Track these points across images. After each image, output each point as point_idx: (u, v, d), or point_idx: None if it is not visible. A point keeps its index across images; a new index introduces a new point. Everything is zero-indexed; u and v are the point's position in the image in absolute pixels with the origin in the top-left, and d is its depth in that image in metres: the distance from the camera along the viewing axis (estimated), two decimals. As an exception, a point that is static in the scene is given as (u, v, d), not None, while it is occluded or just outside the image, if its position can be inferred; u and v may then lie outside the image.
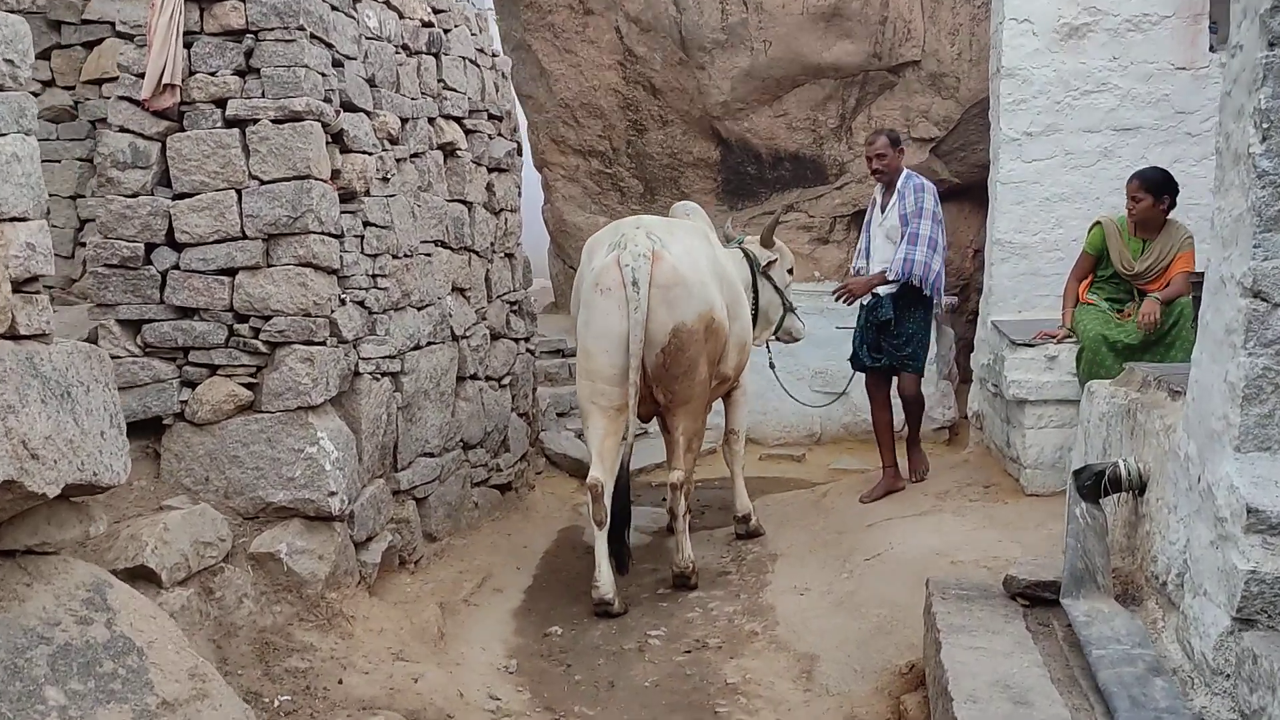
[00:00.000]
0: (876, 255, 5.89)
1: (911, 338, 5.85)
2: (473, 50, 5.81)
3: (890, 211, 5.80)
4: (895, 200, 5.77)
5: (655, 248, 4.82)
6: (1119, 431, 3.75)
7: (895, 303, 5.76)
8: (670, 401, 4.99)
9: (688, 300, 4.84)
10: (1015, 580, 3.37)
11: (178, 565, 3.55)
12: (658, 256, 4.79)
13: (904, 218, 5.71)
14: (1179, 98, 6.32)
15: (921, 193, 5.72)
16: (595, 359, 4.85)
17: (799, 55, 9.36)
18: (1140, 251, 5.40)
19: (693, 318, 4.84)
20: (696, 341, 4.86)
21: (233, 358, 4.08)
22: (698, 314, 4.86)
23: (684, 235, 5.17)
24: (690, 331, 4.83)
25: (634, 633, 4.65)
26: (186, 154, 4.06)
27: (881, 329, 5.84)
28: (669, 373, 4.86)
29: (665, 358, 4.83)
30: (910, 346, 5.86)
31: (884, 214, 5.85)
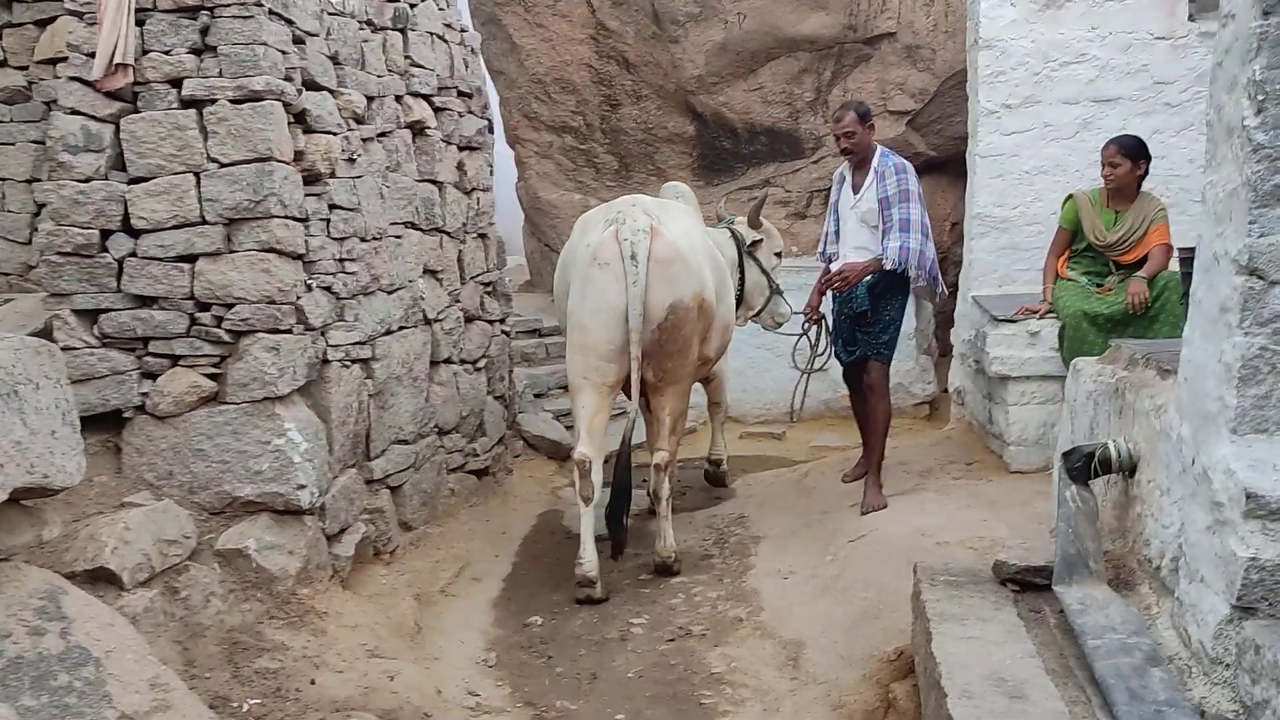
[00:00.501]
0: (849, 240, 5.27)
1: (888, 326, 5.37)
2: (440, 25, 5.64)
3: (866, 193, 5.20)
4: (872, 181, 5.16)
5: (654, 224, 4.83)
6: (1106, 410, 3.67)
7: (871, 291, 5.22)
8: (660, 380, 4.96)
9: (686, 277, 4.86)
10: (1005, 565, 3.29)
11: (140, 565, 3.42)
12: (657, 233, 4.80)
13: (885, 201, 5.10)
14: (1158, 68, 6.24)
15: (904, 174, 5.14)
16: (591, 334, 4.80)
17: (774, 28, 9.23)
18: (1113, 222, 5.34)
19: (689, 295, 4.86)
20: (691, 320, 4.89)
21: (195, 348, 3.94)
22: (694, 292, 4.89)
23: (679, 214, 5.24)
24: (687, 309, 4.85)
25: (616, 621, 4.56)
26: (141, 136, 3.89)
27: (857, 320, 5.32)
28: (663, 350, 4.85)
29: (661, 334, 4.80)
30: (887, 334, 5.39)
31: (857, 195, 5.23)
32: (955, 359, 6.76)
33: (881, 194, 5.11)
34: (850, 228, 5.27)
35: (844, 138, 5.17)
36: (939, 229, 9.84)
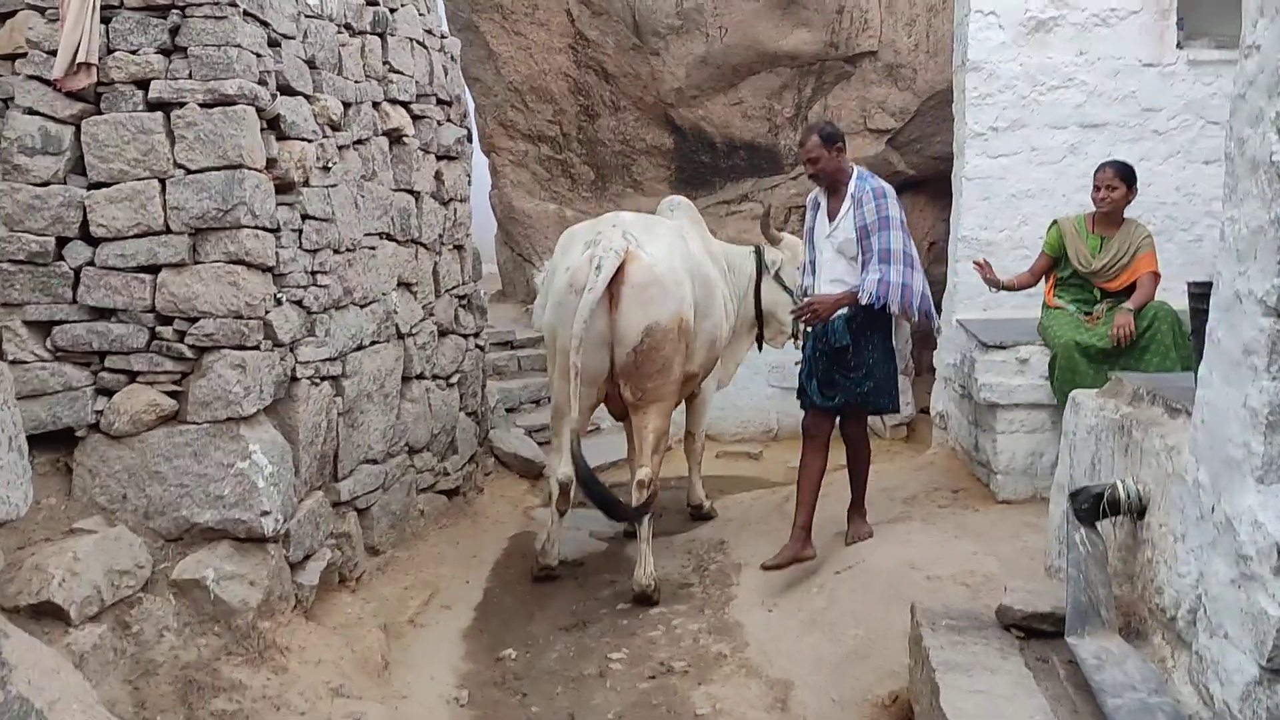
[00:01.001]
0: (825, 272, 4.78)
1: (872, 370, 4.73)
2: (420, 31, 5.46)
3: (843, 221, 4.71)
4: (849, 208, 4.68)
5: (630, 247, 4.82)
6: (1110, 447, 3.55)
7: (849, 325, 4.66)
8: (640, 399, 4.95)
9: (662, 300, 4.83)
10: (1010, 611, 3.15)
11: (89, 599, 3.19)
12: (633, 256, 4.79)
13: (864, 229, 4.62)
14: (1146, 94, 6.18)
15: (884, 199, 4.65)
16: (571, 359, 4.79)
17: (755, 42, 9.12)
18: (1098, 248, 5.26)
19: (667, 317, 4.84)
20: (671, 340, 4.87)
21: (154, 363, 3.71)
22: (671, 313, 4.86)
23: (663, 234, 5.13)
24: (665, 331, 4.83)
25: (594, 655, 4.38)
26: (104, 140, 3.67)
27: (835, 358, 4.74)
28: (640, 371, 4.87)
29: (638, 356, 4.83)
30: (871, 380, 4.74)
31: (833, 223, 4.75)
32: (939, 382, 6.64)
33: (860, 221, 4.64)
34: (826, 258, 4.79)
35: (809, 163, 4.75)
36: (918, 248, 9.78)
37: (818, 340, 4.77)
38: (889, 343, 4.83)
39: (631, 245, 4.82)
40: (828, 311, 4.62)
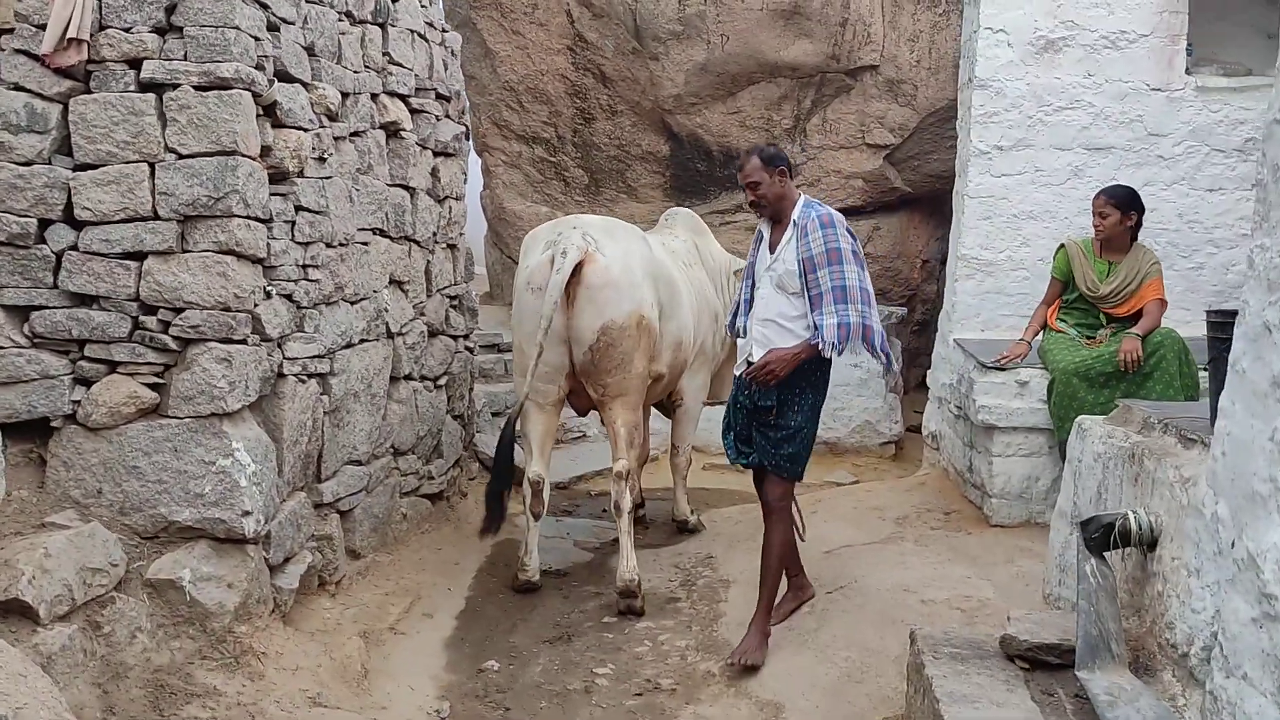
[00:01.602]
0: (760, 309, 4.21)
1: (795, 434, 4.20)
2: (422, 23, 5.34)
3: (784, 251, 4.14)
4: (791, 237, 4.13)
5: (589, 249, 4.86)
6: (1118, 476, 3.47)
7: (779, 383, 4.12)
8: (603, 395, 5.03)
9: (617, 301, 4.88)
10: (1015, 641, 3.06)
11: (59, 598, 3.05)
12: (590, 258, 4.84)
13: (808, 262, 4.04)
14: (1153, 119, 6.14)
15: (831, 228, 4.06)
16: (528, 357, 4.91)
17: (756, 52, 9.04)
18: (1106, 274, 5.20)
19: (622, 316, 4.89)
20: (629, 338, 4.91)
21: (136, 354, 3.57)
22: (627, 313, 4.90)
23: (621, 236, 5.16)
24: (621, 329, 4.88)
25: (579, 669, 4.26)
26: (92, 119, 3.53)
27: (757, 415, 4.22)
28: (599, 368, 4.94)
29: (594, 354, 4.90)
30: (792, 446, 4.21)
31: (774, 255, 4.19)
32: (932, 402, 6.56)
33: (804, 253, 4.07)
34: (763, 294, 4.20)
35: (748, 189, 4.20)
36: (909, 264, 9.73)
37: (740, 390, 4.29)
38: (819, 401, 4.28)
39: (590, 247, 4.86)
40: (785, 370, 4.05)
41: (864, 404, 8.53)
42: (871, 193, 9.42)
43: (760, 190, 4.15)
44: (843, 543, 5.25)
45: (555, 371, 4.96)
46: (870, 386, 8.55)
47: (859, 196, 9.40)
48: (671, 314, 5.29)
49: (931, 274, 9.83)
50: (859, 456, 8.48)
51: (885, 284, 9.49)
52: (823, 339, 4.01)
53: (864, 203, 9.43)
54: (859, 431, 8.53)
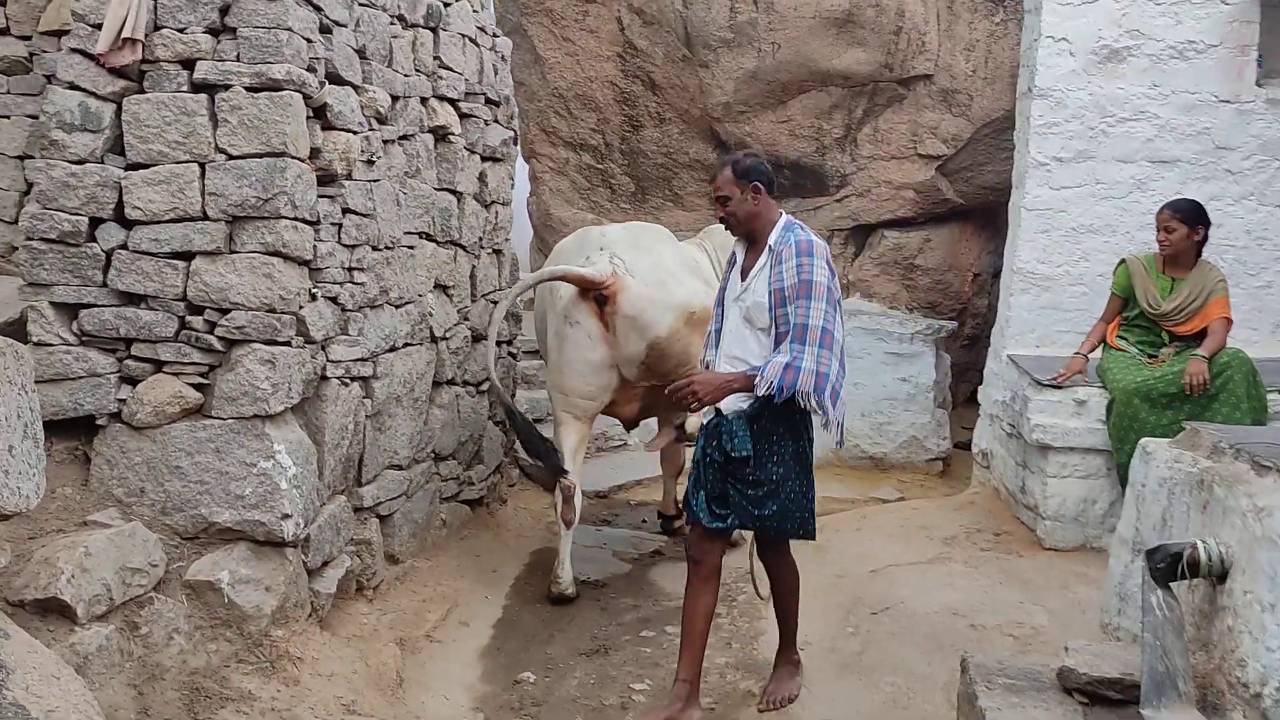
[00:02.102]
0: (725, 346, 3.71)
1: (779, 486, 3.58)
2: (473, 28, 5.31)
3: (755, 280, 3.61)
4: (765, 263, 3.59)
5: (618, 273, 4.85)
6: (1185, 503, 3.32)
7: (751, 427, 3.55)
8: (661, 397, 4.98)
9: (659, 319, 4.90)
10: (1074, 674, 2.93)
11: (98, 597, 3.03)
12: (622, 287, 4.84)
13: (779, 295, 3.51)
14: (1220, 132, 5.96)
15: (809, 257, 3.50)
16: (569, 380, 5.06)
17: (808, 60, 8.93)
18: (1169, 290, 5.04)
19: (666, 329, 4.91)
20: (680, 338, 4.94)
21: (182, 353, 3.56)
22: (673, 320, 4.92)
23: (649, 242, 5.15)
24: (669, 339, 4.92)
25: (615, 684, 4.18)
26: (145, 119, 3.53)
27: (730, 468, 3.61)
28: (654, 372, 4.99)
29: (647, 365, 4.99)
30: (776, 502, 3.58)
31: (745, 282, 3.66)
32: (983, 419, 6.41)
33: (775, 283, 3.53)
34: (730, 327, 3.70)
35: (718, 203, 3.68)
36: (961, 278, 9.55)
37: (709, 440, 3.68)
38: (802, 449, 3.66)
39: (619, 270, 4.84)
40: (711, 396, 3.53)
41: (911, 419, 8.38)
42: (923, 204, 9.27)
43: (730, 206, 3.61)
44: (889, 562, 5.13)
45: (601, 391, 5.07)
46: (917, 401, 8.40)
47: (910, 208, 9.25)
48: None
49: (983, 288, 9.65)
50: (905, 472, 8.33)
51: (935, 297, 9.33)
52: (762, 375, 3.44)
53: (915, 214, 9.28)
54: (905, 447, 8.38)
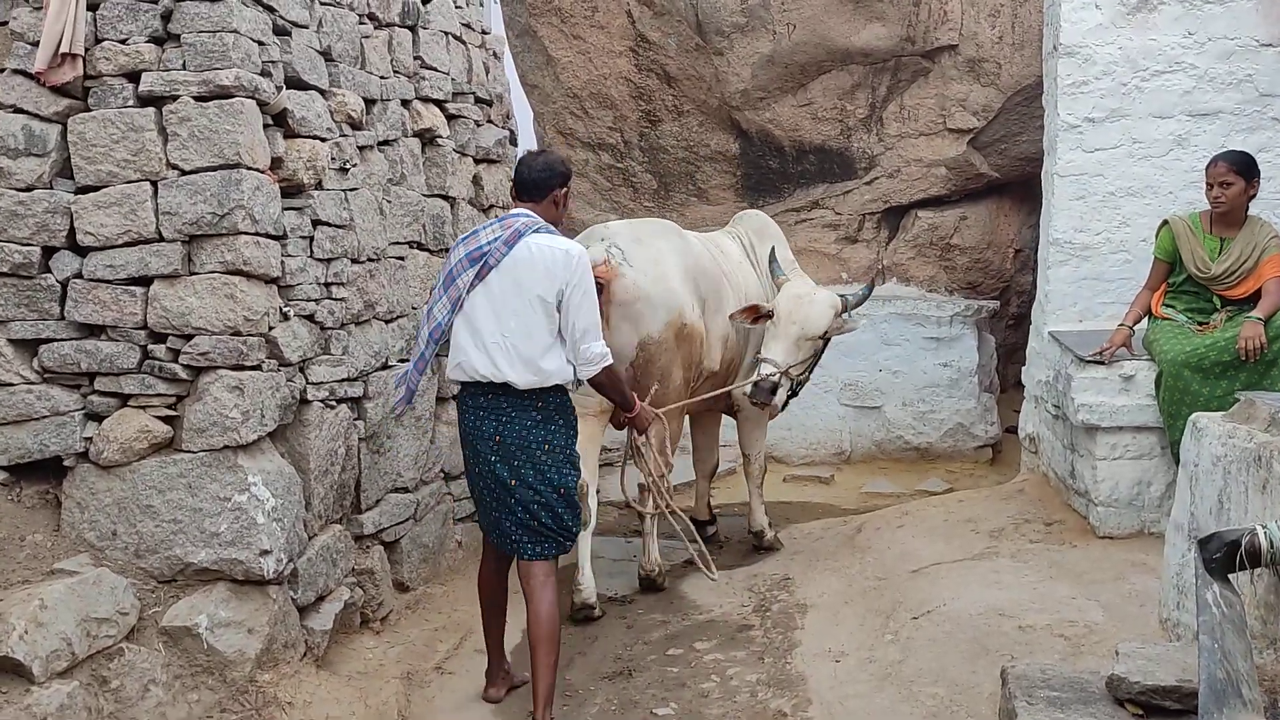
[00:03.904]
0: None
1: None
2: (457, 25, 5.08)
3: None
4: None
5: (613, 261, 4.65)
6: (1243, 483, 2.98)
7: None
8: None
9: (652, 313, 4.70)
10: (1125, 682, 2.61)
11: (57, 653, 2.83)
12: (615, 273, 4.62)
13: None
14: (1264, 79, 5.53)
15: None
16: None
17: (825, 39, 8.58)
18: (1218, 251, 4.65)
19: (659, 329, 4.71)
20: (667, 350, 4.75)
21: (146, 385, 3.36)
22: (665, 323, 4.73)
23: (652, 238, 4.92)
24: (658, 343, 4.71)
25: (638, 709, 3.90)
26: (91, 138, 3.34)
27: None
28: (640, 384, 4.67)
29: (635, 370, 4.71)
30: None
31: None
32: (1028, 401, 6.03)
33: None
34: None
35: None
36: (1001, 255, 9.14)
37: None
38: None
39: (615, 259, 4.65)
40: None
41: (955, 405, 7.99)
42: (956, 180, 8.88)
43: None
44: (932, 560, 4.79)
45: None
46: (961, 387, 8.01)
47: (942, 185, 8.87)
48: (718, 308, 5.13)
49: (1025, 264, 9.23)
50: (952, 462, 7.95)
51: (976, 277, 8.94)
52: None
53: (948, 191, 8.90)
54: (951, 435, 7.99)
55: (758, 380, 5.04)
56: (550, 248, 3.42)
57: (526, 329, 3.41)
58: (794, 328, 5.11)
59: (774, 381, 5.03)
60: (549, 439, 3.53)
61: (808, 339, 5.16)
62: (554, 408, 3.54)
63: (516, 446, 3.48)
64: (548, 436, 3.53)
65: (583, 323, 3.43)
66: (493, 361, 3.42)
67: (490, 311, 3.43)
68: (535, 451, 3.51)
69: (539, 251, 3.41)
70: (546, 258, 3.40)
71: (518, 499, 3.52)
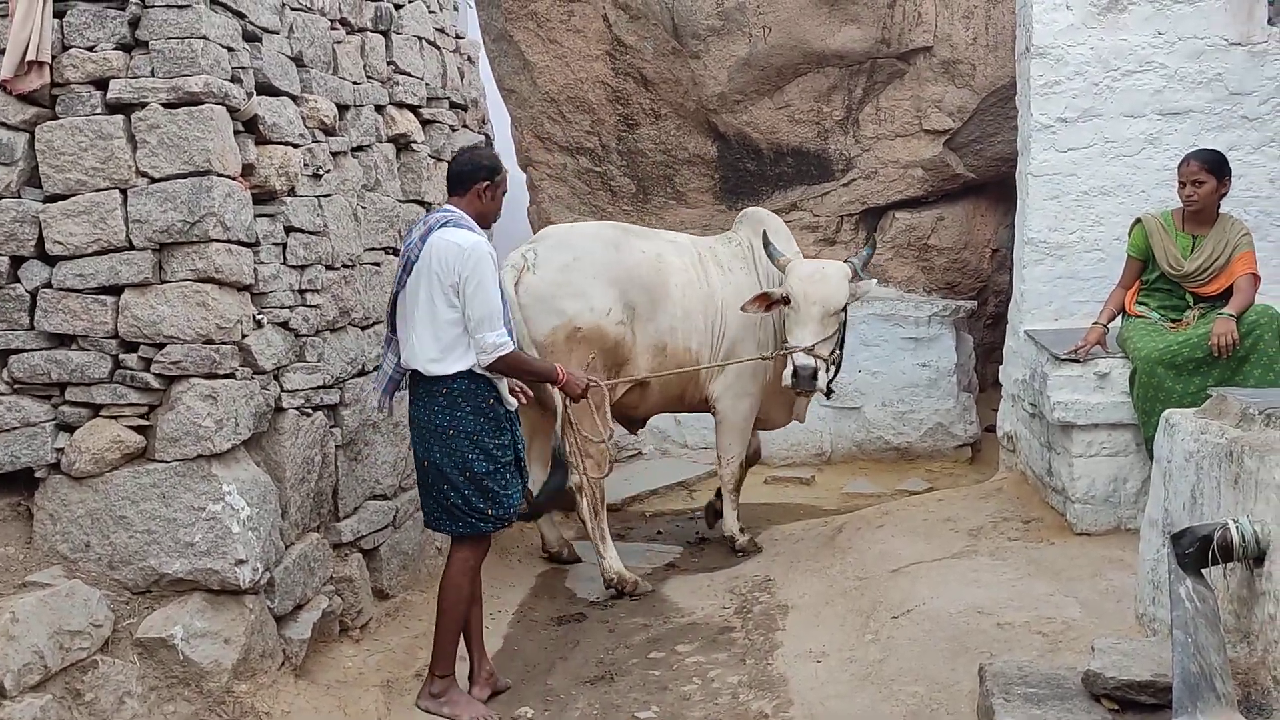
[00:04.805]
0: None
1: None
2: (431, 30, 5.08)
3: None
4: None
5: (524, 265, 4.89)
6: (1215, 478, 3.00)
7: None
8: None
9: (542, 317, 4.88)
10: (1100, 678, 2.62)
11: (29, 666, 2.80)
12: (520, 279, 4.87)
13: None
14: (1234, 77, 5.58)
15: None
16: None
17: (801, 42, 8.60)
18: (1190, 249, 4.69)
19: (544, 333, 4.88)
20: (559, 353, 4.81)
21: (118, 395, 3.34)
22: (551, 328, 4.88)
23: (577, 245, 5.06)
24: (545, 347, 4.86)
25: (620, 713, 3.89)
26: (59, 147, 3.31)
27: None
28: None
29: None
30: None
31: None
32: (1006, 400, 6.07)
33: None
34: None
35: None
36: (979, 255, 9.19)
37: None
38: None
39: (528, 261, 4.90)
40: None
41: (935, 405, 8.02)
42: (933, 181, 8.91)
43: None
44: (912, 559, 4.80)
45: None
46: (940, 386, 8.04)
47: (919, 186, 8.90)
48: (650, 317, 5.14)
49: (1002, 263, 9.27)
50: (932, 462, 7.97)
51: (953, 277, 8.97)
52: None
53: (925, 192, 8.92)
54: (931, 435, 8.02)
55: (797, 369, 5.01)
56: (449, 242, 3.59)
57: (431, 318, 3.60)
58: (815, 308, 5.06)
59: (813, 367, 5.01)
60: (455, 424, 3.67)
61: (831, 315, 5.11)
62: (459, 393, 3.67)
63: (428, 429, 3.69)
64: (453, 421, 3.67)
65: (476, 313, 3.57)
66: (411, 349, 3.67)
67: (409, 304, 3.66)
68: (442, 435, 3.68)
69: (440, 245, 3.59)
70: (446, 251, 3.57)
71: (431, 479, 3.74)
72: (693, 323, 5.31)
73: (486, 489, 3.72)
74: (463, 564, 3.80)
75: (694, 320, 5.31)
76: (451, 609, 3.78)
